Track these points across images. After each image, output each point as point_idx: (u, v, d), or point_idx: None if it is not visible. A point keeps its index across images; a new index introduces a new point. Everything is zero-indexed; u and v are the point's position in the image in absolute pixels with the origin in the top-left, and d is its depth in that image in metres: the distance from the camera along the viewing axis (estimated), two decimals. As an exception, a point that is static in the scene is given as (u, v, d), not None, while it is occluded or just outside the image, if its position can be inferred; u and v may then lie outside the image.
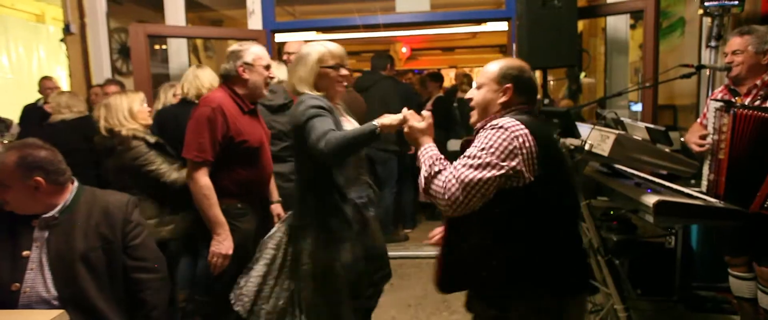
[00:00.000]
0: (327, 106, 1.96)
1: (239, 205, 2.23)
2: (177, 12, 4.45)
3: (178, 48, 4.60)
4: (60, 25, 4.95)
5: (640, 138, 1.94)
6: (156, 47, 5.22)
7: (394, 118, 1.80)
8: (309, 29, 5.09)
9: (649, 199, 1.77)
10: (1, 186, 1.65)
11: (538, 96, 1.68)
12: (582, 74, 5.61)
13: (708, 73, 3.19)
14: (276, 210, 2.51)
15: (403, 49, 10.94)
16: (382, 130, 1.82)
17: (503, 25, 4.49)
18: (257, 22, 4.33)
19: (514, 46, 3.94)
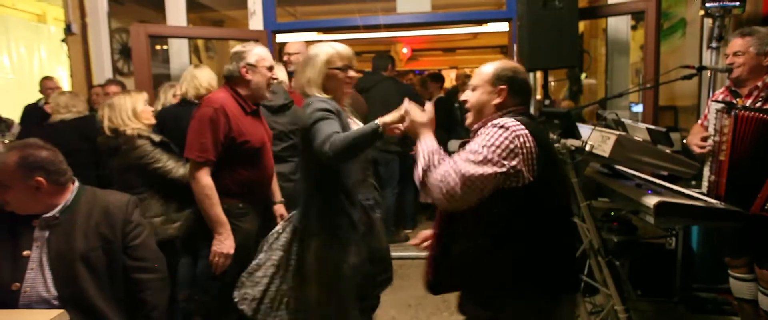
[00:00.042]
0: (334, 108, 1.94)
1: (241, 205, 2.23)
2: (178, 12, 4.46)
3: (179, 48, 4.61)
4: (61, 25, 4.96)
5: (640, 139, 1.95)
6: (157, 47, 5.22)
7: (394, 114, 1.78)
8: (310, 30, 5.09)
9: (650, 200, 1.77)
10: (2, 186, 1.65)
11: (533, 97, 1.68)
12: (583, 75, 5.61)
13: (709, 75, 3.19)
14: (279, 210, 2.51)
15: (404, 50, 10.94)
16: (384, 128, 1.80)
17: (504, 26, 4.49)
18: (258, 22, 4.34)
19: (514, 46, 3.94)
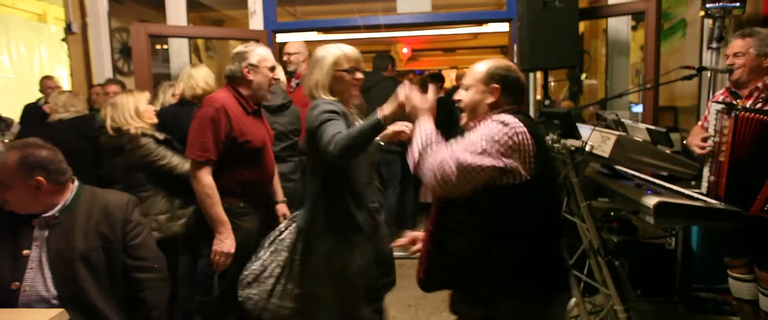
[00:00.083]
0: (340, 110, 1.93)
1: (242, 205, 2.24)
2: (178, 12, 4.46)
3: (179, 48, 4.61)
4: (61, 25, 4.96)
5: (640, 139, 1.94)
6: (157, 47, 5.22)
7: (393, 103, 1.75)
8: (310, 29, 5.09)
9: (650, 200, 1.77)
10: (2, 185, 1.65)
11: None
12: (583, 75, 5.61)
13: (709, 75, 3.19)
14: (281, 210, 2.52)
15: (405, 50, 10.94)
16: (385, 120, 1.78)
17: (504, 26, 4.49)
18: (258, 22, 4.34)
19: (515, 47, 3.94)
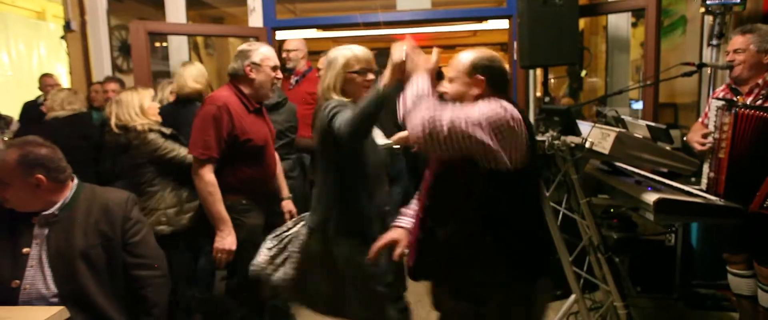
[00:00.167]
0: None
1: (244, 201, 2.25)
2: (177, 9, 4.46)
3: (178, 45, 4.60)
4: (60, 22, 4.95)
5: (640, 136, 1.95)
6: (157, 44, 5.21)
7: (393, 62, 1.70)
8: (310, 27, 5.09)
9: (650, 197, 1.77)
10: (2, 183, 1.65)
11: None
12: (583, 72, 5.60)
13: (709, 72, 3.18)
14: (287, 206, 2.53)
15: (404, 47, 10.91)
16: (387, 87, 1.74)
17: (504, 23, 4.49)
18: (258, 19, 4.33)
19: (515, 44, 3.94)
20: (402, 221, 1.74)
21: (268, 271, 2.09)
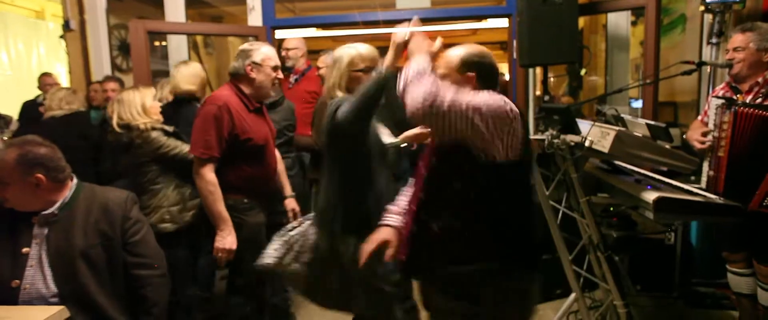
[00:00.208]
0: None
1: (245, 200, 2.26)
2: (177, 8, 4.45)
3: (178, 44, 4.60)
4: (60, 22, 4.94)
5: (640, 134, 1.95)
6: (156, 44, 5.21)
7: (395, 41, 1.70)
8: (309, 26, 5.08)
9: (649, 196, 1.77)
10: (2, 183, 1.65)
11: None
12: (583, 71, 5.60)
13: (709, 70, 3.18)
14: (290, 204, 2.53)
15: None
16: (387, 69, 1.75)
17: (504, 22, 4.48)
18: (257, 18, 4.32)
19: (514, 42, 3.93)
20: (389, 219, 1.71)
21: (278, 271, 2.09)
